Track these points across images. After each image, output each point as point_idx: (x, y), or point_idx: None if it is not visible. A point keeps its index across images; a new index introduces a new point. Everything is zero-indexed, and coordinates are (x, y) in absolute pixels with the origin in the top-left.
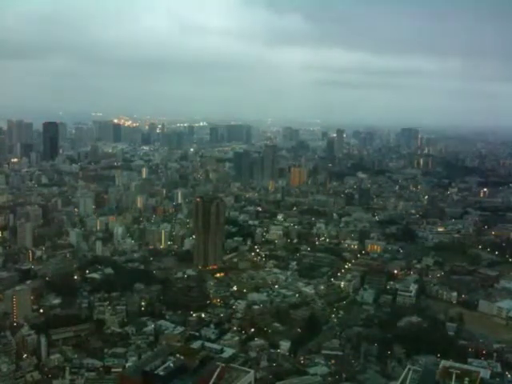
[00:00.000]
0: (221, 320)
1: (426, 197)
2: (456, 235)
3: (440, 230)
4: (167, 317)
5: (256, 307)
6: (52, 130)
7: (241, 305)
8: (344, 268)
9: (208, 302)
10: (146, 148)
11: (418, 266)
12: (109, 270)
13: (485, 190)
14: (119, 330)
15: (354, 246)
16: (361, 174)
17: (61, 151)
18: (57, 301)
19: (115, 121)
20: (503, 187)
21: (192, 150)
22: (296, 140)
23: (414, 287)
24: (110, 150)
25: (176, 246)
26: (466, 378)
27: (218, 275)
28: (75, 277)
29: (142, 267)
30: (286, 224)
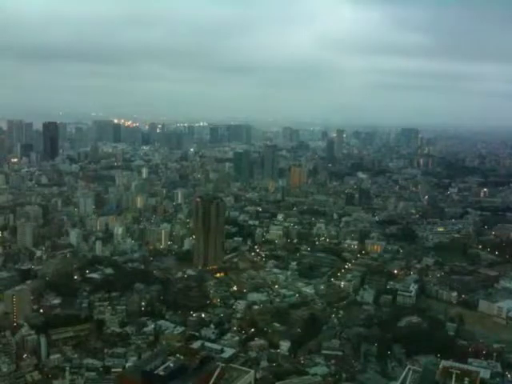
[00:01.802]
0: (221, 320)
1: (426, 197)
2: (456, 235)
3: (440, 229)
4: (167, 317)
5: (256, 307)
6: (52, 130)
7: (241, 305)
8: (344, 268)
9: (208, 302)
10: (145, 148)
11: (418, 265)
12: (109, 270)
13: (485, 189)
14: (119, 330)
15: (354, 246)
16: (361, 174)
17: (61, 151)
18: (57, 301)
19: (115, 121)
20: (503, 187)
21: (192, 150)
22: (296, 140)
23: (414, 287)
24: (110, 150)
25: (176, 246)
26: (466, 378)
27: (217, 275)
28: (75, 277)
29: (142, 267)
30: (286, 224)
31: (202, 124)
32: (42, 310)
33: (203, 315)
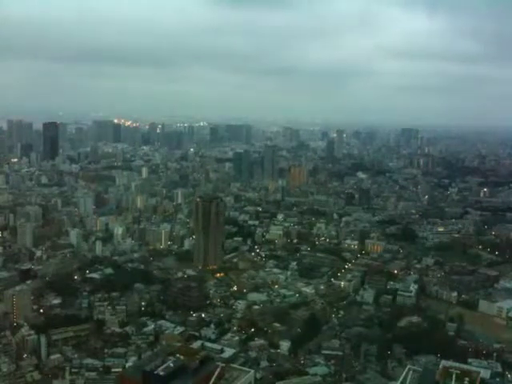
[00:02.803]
0: (221, 320)
1: (426, 197)
2: (456, 235)
3: (440, 229)
4: (167, 317)
5: (256, 307)
6: (52, 130)
7: (241, 305)
8: (344, 268)
9: (208, 302)
10: (145, 148)
11: (418, 265)
12: (109, 270)
13: (485, 189)
14: (119, 330)
15: (354, 246)
16: (361, 174)
17: (61, 151)
18: (57, 301)
19: (115, 121)
20: (503, 187)
21: (192, 150)
22: (296, 140)
23: (414, 287)
24: (110, 150)
25: (176, 246)
26: (466, 378)
27: (218, 275)
28: (75, 277)
29: (142, 267)
30: (286, 224)
31: (202, 124)
32: (41, 310)
33: (203, 315)
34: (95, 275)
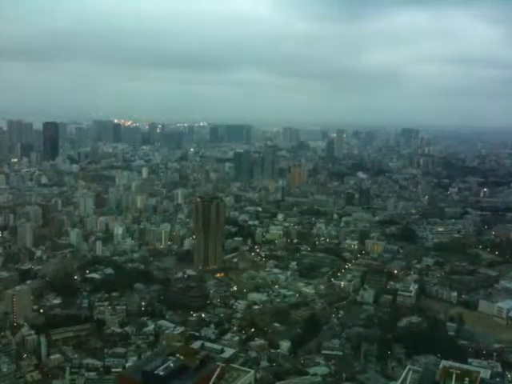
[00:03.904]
0: (221, 320)
1: (426, 197)
2: (456, 235)
3: (440, 229)
4: (167, 317)
5: (256, 307)
6: (52, 130)
7: (241, 305)
8: (344, 268)
9: (208, 301)
10: (145, 148)
11: (418, 265)
12: (109, 270)
13: (485, 189)
14: (119, 330)
15: (354, 246)
16: (361, 174)
17: (61, 151)
18: (57, 301)
19: (115, 121)
20: (503, 187)
21: (192, 150)
22: (296, 140)
23: (414, 287)
24: (110, 150)
25: (176, 246)
26: (466, 378)
27: (218, 275)
28: (75, 277)
29: (142, 267)
30: (286, 224)
31: (202, 124)
32: (41, 310)
33: (203, 315)
34: (95, 275)
